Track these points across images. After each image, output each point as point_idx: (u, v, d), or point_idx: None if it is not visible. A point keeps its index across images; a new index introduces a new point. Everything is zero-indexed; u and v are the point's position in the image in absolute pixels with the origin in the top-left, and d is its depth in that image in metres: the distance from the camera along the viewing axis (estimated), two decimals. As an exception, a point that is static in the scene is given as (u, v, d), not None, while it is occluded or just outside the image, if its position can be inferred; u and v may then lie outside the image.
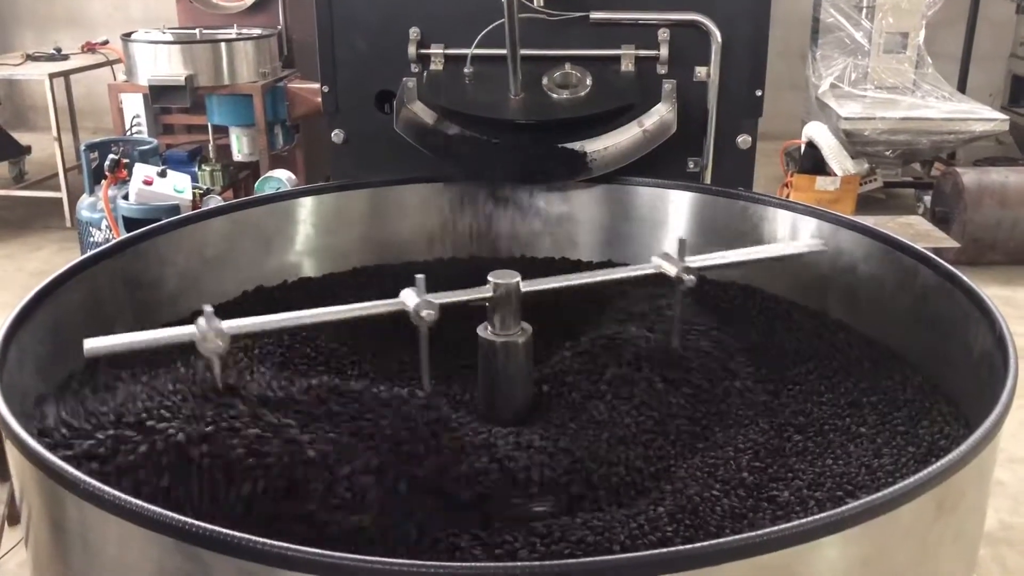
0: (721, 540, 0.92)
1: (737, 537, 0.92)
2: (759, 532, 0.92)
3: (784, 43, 7.20)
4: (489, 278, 1.47)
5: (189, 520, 0.94)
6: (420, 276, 1.42)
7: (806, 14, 6.98)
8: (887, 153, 6.03)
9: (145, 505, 0.97)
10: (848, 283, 1.84)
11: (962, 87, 6.87)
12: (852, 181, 5.84)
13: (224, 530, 0.92)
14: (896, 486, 1.00)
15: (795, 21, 7.16)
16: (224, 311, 1.85)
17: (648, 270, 1.60)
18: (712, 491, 1.27)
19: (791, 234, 1.95)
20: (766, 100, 2.19)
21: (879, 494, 0.98)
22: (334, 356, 1.72)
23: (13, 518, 3.12)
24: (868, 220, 1.90)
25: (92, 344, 1.31)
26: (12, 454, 1.17)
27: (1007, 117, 6.02)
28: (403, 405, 1.31)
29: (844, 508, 0.96)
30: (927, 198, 6.14)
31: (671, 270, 1.56)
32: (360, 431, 1.24)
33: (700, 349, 1.60)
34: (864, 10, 6.43)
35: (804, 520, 0.94)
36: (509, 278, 1.47)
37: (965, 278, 1.54)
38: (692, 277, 1.54)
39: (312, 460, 1.16)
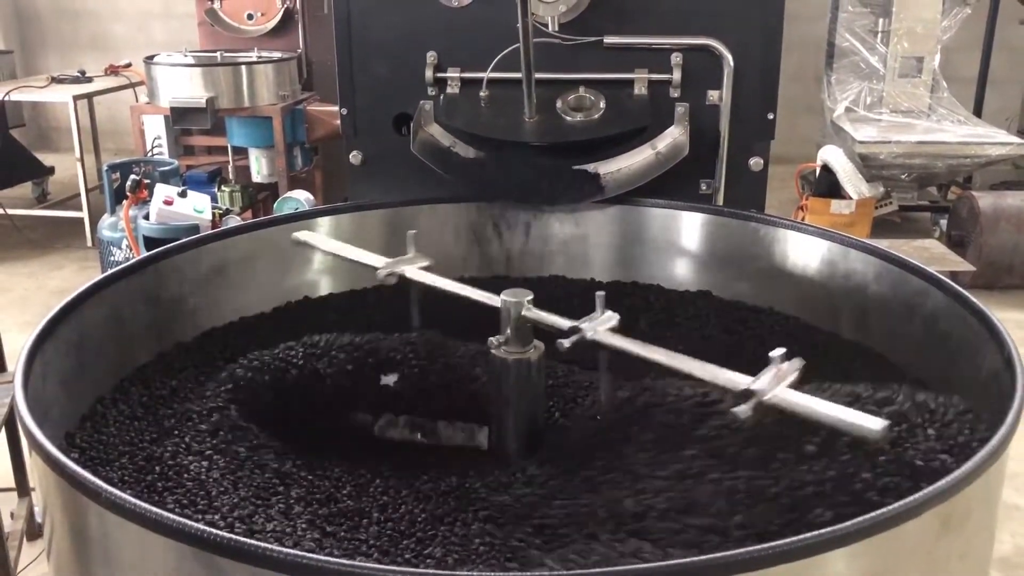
0: (727, 553, 0.93)
1: (743, 550, 0.93)
2: (765, 545, 0.93)
3: (799, 67, 7.24)
4: (501, 296, 1.50)
5: (207, 528, 0.97)
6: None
7: (821, 38, 7.01)
8: (902, 177, 6.04)
9: (164, 513, 0.99)
10: (860, 305, 1.85)
11: (978, 111, 6.87)
12: (867, 204, 5.85)
13: (241, 538, 0.95)
14: (902, 502, 1.01)
15: (810, 45, 7.19)
16: (241, 327, 1.90)
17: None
18: (716, 503, 1.28)
19: (804, 258, 1.96)
20: (781, 124, 2.21)
21: (885, 509, 1.00)
22: None
23: (32, 533, 3.16)
24: (883, 243, 1.92)
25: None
26: (36, 465, 1.20)
27: (1023, 141, 6.02)
28: None
29: (849, 523, 0.98)
30: (943, 222, 6.14)
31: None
32: None
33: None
34: (879, 34, 6.46)
35: (809, 534, 0.96)
36: (521, 296, 1.49)
37: (975, 300, 1.55)
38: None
39: None
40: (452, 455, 1.58)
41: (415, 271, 1.70)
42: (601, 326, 1.42)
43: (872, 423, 1.15)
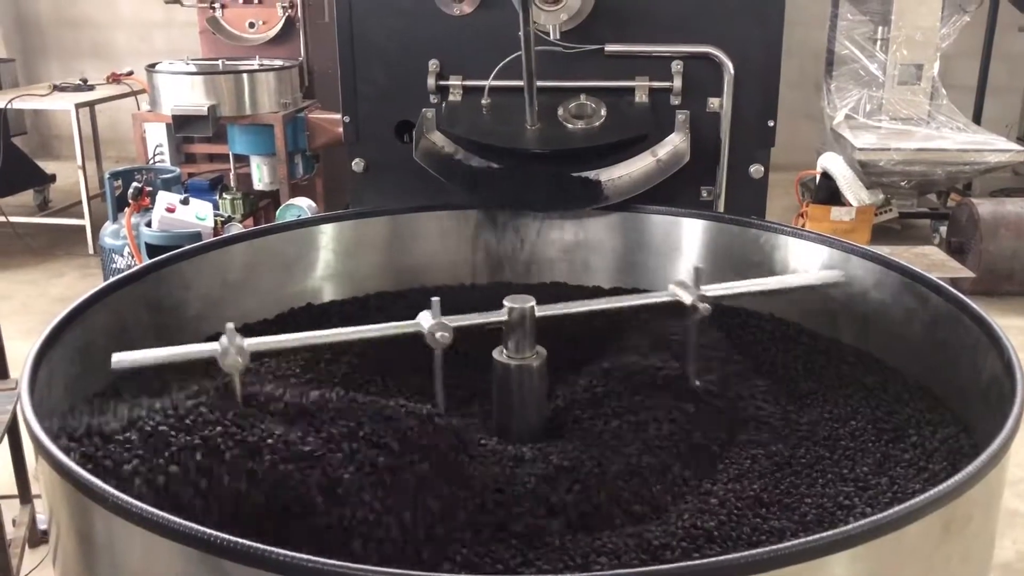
0: (729, 556, 0.94)
1: (745, 553, 0.94)
2: (767, 548, 0.94)
3: (799, 74, 7.26)
4: (504, 302, 1.51)
5: (213, 532, 0.97)
6: (435, 299, 1.46)
7: (821, 46, 7.04)
8: (902, 184, 6.06)
9: (170, 517, 1.00)
10: (860, 310, 1.86)
11: (977, 118, 6.89)
12: (867, 211, 5.87)
13: (249, 542, 0.95)
14: (903, 505, 1.02)
15: (810, 53, 7.22)
16: (246, 333, 1.91)
17: (664, 298, 1.63)
18: (723, 508, 1.29)
19: (805, 263, 1.97)
20: (781, 131, 2.22)
21: (886, 513, 1.00)
22: (353, 376, 1.75)
23: (33, 540, 3.16)
24: (883, 250, 1.92)
25: (119, 358, 1.37)
26: (43, 470, 1.20)
27: (1023, 148, 6.03)
28: (415, 420, 1.34)
29: (851, 526, 0.98)
30: (943, 228, 6.16)
31: (687, 298, 1.59)
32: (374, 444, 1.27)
33: (713, 374, 1.62)
34: (878, 42, 6.48)
35: (812, 537, 0.96)
36: (524, 302, 1.50)
37: (975, 305, 1.56)
38: (707, 306, 1.56)
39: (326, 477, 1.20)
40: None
41: None
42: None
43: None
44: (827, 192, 5.92)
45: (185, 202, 4.45)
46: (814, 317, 1.93)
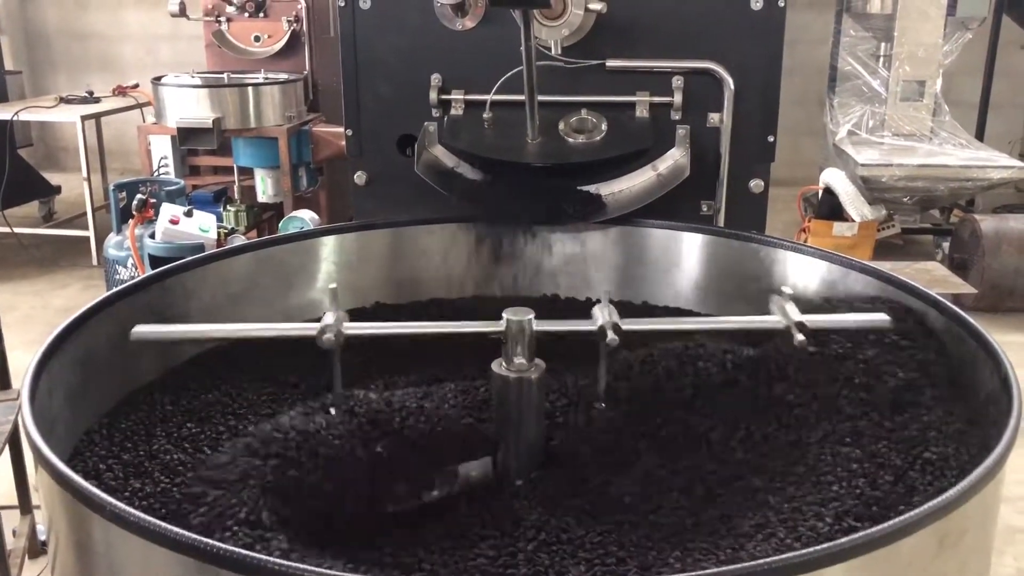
0: (722, 568, 0.94)
1: (738, 566, 0.94)
2: (761, 561, 0.94)
3: (802, 90, 7.29)
4: (503, 315, 1.51)
5: (210, 541, 0.98)
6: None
7: (824, 62, 7.06)
8: (905, 199, 6.06)
9: (168, 526, 1.01)
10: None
11: (980, 135, 6.90)
12: (869, 227, 5.88)
13: (243, 551, 0.96)
14: (898, 519, 1.02)
15: (812, 69, 7.25)
16: (249, 344, 1.92)
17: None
18: (721, 518, 1.29)
19: (804, 279, 1.97)
20: (784, 147, 2.23)
21: (880, 526, 1.00)
22: None
23: (33, 550, 3.17)
24: (885, 265, 1.92)
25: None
26: (42, 479, 1.21)
27: (1025, 165, 6.04)
28: None
29: (846, 539, 0.98)
30: (945, 244, 6.16)
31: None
32: None
33: (709, 381, 1.62)
34: (881, 59, 6.51)
35: (805, 550, 0.97)
36: (523, 315, 1.50)
37: (972, 321, 1.56)
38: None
39: None
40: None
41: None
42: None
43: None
44: (829, 207, 5.94)
45: (189, 214, 4.47)
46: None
